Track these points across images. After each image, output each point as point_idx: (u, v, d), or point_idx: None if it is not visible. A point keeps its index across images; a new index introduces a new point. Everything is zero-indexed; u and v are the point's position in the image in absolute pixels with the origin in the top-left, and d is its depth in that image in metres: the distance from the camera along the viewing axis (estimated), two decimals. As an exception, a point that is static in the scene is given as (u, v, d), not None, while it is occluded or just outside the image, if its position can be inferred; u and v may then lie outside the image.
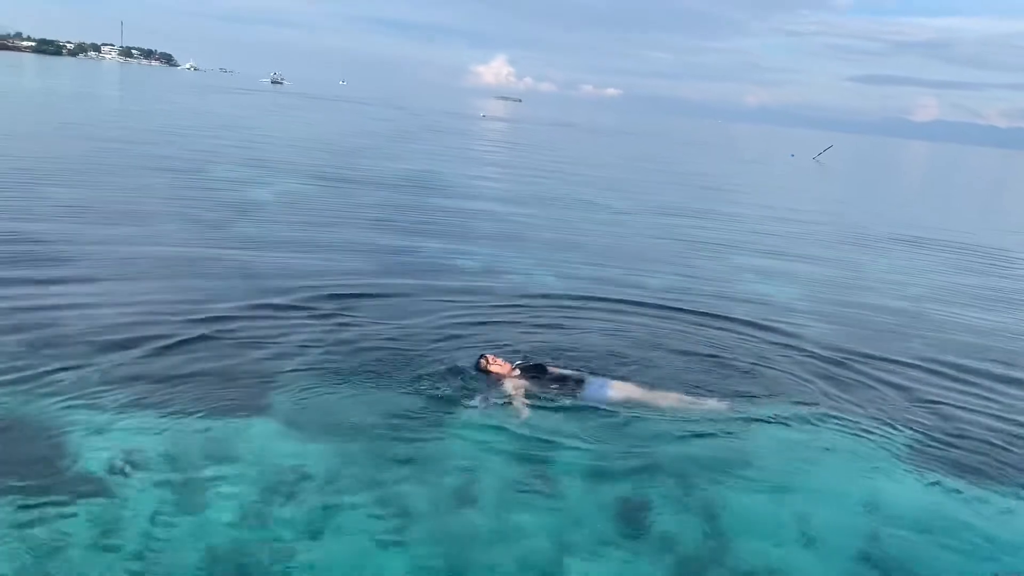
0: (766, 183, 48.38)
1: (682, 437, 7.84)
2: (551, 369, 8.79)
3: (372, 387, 8.26)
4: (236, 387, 8.01)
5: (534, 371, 8.62)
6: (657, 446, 7.59)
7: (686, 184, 39.74)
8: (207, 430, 7.03)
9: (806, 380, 9.93)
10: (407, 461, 6.83)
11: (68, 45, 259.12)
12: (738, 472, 7.27)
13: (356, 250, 15.25)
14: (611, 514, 6.39)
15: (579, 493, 6.64)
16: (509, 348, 9.80)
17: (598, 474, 6.96)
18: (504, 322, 11.16)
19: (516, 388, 8.28)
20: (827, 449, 8.01)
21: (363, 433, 7.25)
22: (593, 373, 8.95)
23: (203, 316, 10.07)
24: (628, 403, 8.32)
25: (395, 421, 7.52)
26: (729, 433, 8.05)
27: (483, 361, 8.63)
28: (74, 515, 5.61)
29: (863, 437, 8.33)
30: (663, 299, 13.34)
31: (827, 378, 10.09)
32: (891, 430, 8.56)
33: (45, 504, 5.70)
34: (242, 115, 58.82)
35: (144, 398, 7.50)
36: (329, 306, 11.02)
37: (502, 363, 8.62)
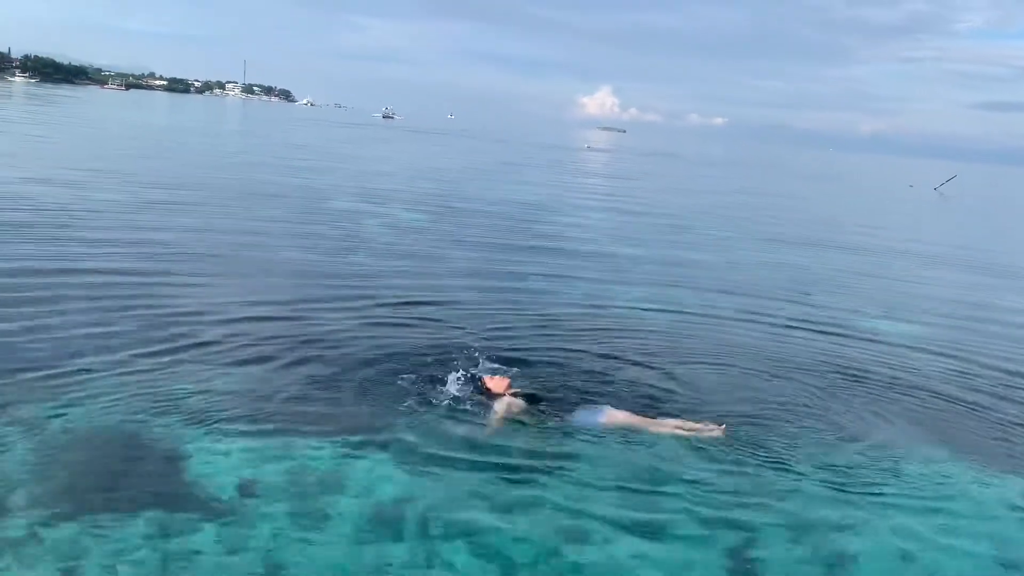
0: (886, 215, 46.25)
1: (789, 473, 7.40)
2: (543, 395, 8.68)
3: (474, 412, 8.14)
4: (347, 407, 8.06)
5: (528, 397, 8.46)
6: (763, 481, 7.20)
7: (802, 216, 38.42)
8: (320, 453, 7.06)
9: (930, 417, 9.34)
10: (510, 494, 6.64)
11: (195, 83, 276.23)
12: (854, 513, 6.77)
13: (461, 275, 15.35)
14: (720, 558, 6.03)
15: (689, 534, 6.31)
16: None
17: (708, 515, 6.59)
18: (602, 346, 10.92)
19: (508, 406, 8.13)
20: (957, 494, 7.40)
21: (467, 460, 7.13)
22: (586, 400, 8.68)
23: (317, 334, 10.33)
24: (617, 430, 8.01)
25: (500, 452, 7.37)
26: (844, 470, 7.54)
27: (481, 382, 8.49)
28: (194, 533, 5.70)
29: (993, 483, 7.66)
30: (778, 327, 12.88)
31: (954, 415, 9.47)
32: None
33: (164, 520, 5.81)
34: (354, 147, 60.88)
35: (259, 418, 7.62)
36: (438, 328, 11.11)
37: (499, 380, 8.43)
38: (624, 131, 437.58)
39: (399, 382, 8.77)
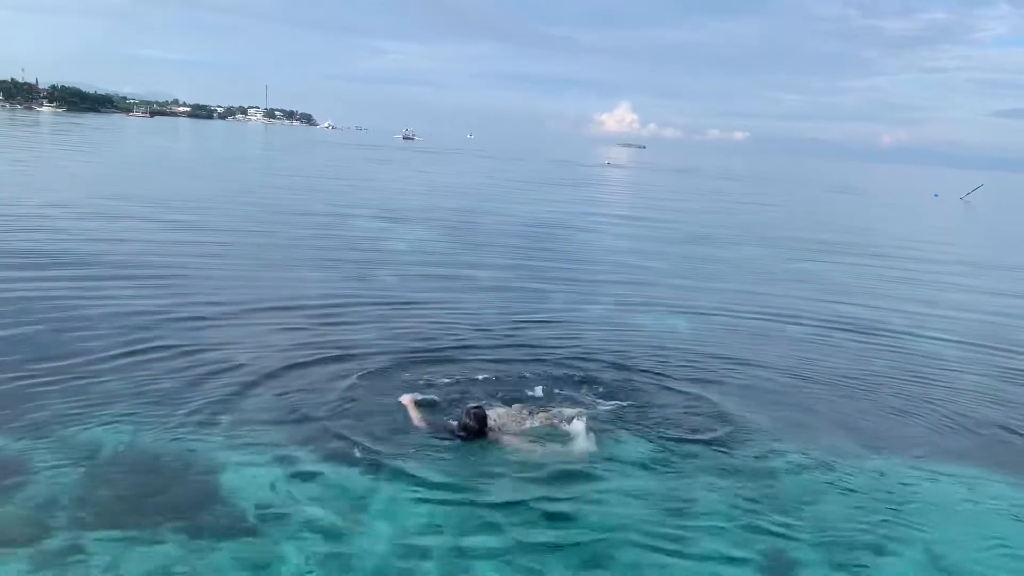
0: (916, 225, 45.74)
1: (824, 484, 7.33)
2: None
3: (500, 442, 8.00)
4: (371, 430, 7.99)
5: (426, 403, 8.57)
6: (792, 490, 7.14)
7: (837, 227, 38.08)
8: (347, 477, 7.03)
9: (965, 430, 9.22)
10: (537, 518, 6.56)
11: (218, 109, 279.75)
12: (889, 530, 6.68)
13: (483, 291, 15.36)
14: (754, 566, 5.92)
15: (720, 544, 6.25)
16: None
17: (738, 525, 6.55)
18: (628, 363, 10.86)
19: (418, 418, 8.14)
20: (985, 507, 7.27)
21: (494, 485, 7.05)
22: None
23: (343, 356, 10.34)
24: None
25: (525, 476, 7.30)
26: (879, 477, 7.44)
27: (479, 420, 7.84)
28: (222, 552, 5.72)
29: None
30: (819, 331, 12.76)
31: (996, 420, 9.36)
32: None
33: (194, 539, 5.84)
34: (374, 169, 61.36)
35: (285, 440, 7.63)
36: (465, 352, 11.05)
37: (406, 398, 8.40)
38: (644, 147, 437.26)
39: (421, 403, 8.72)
